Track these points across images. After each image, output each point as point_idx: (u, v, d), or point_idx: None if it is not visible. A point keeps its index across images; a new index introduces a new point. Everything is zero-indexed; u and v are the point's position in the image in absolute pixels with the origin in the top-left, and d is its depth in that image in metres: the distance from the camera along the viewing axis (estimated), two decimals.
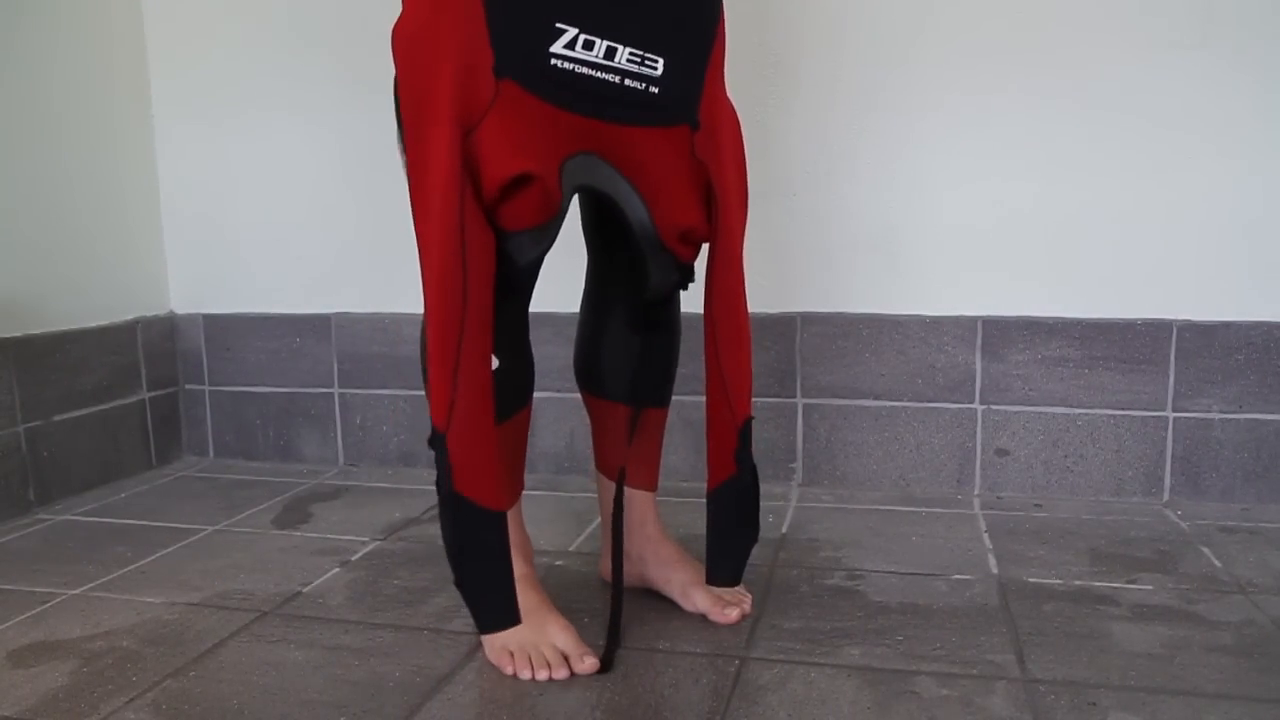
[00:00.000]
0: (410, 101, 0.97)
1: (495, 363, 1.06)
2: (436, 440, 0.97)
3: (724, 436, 1.12)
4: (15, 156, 1.69)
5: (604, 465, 1.25)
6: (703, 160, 1.06)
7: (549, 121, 0.98)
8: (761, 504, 1.19)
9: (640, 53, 1.00)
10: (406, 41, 0.97)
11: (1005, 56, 1.58)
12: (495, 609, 1.03)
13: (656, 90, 1.02)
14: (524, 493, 1.22)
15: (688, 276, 1.12)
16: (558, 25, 0.96)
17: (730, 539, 1.16)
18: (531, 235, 1.00)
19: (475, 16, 0.95)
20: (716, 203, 1.07)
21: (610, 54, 0.99)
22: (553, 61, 0.96)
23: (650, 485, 1.23)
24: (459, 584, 1.01)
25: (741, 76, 1.69)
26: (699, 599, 1.17)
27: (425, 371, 0.99)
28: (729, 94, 1.12)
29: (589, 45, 0.97)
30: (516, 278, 1.04)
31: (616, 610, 1.11)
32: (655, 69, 1.01)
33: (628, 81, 1.00)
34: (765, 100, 1.67)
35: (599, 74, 0.99)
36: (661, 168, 1.04)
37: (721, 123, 1.09)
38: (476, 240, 0.96)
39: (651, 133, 1.03)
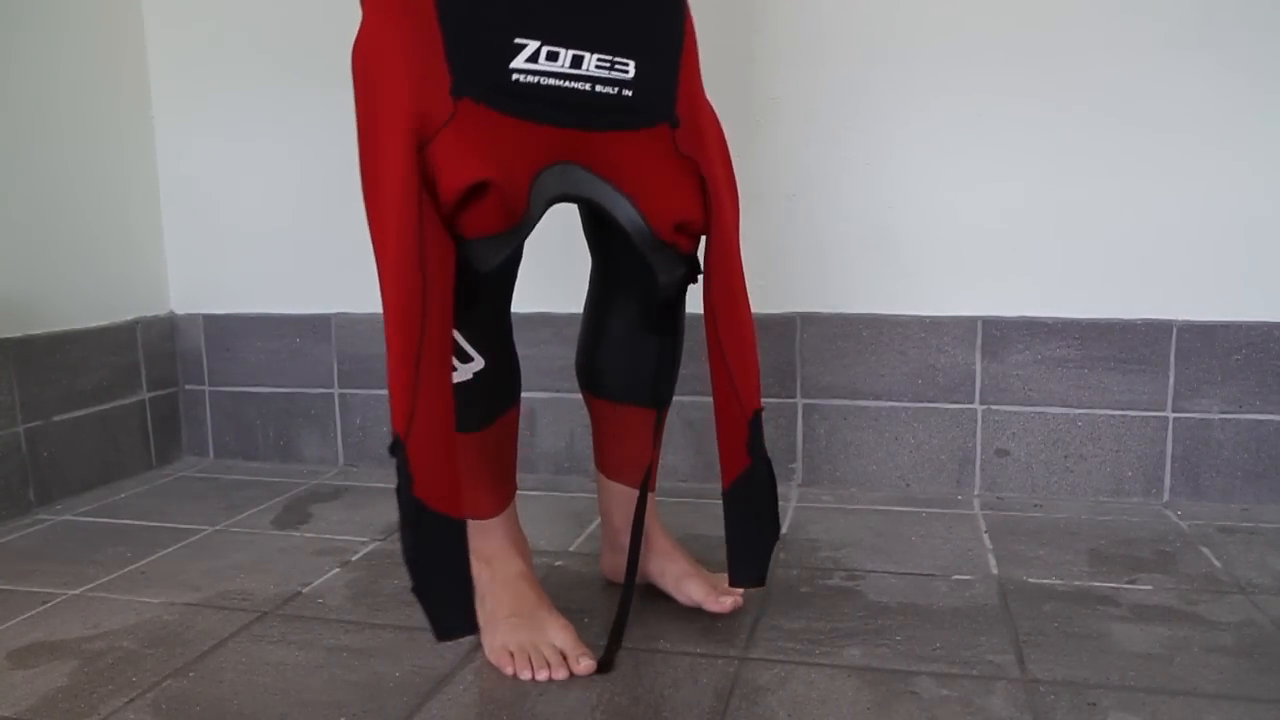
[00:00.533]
0: (366, 114, 0.97)
1: (481, 363, 1.06)
2: (397, 447, 0.94)
3: (734, 429, 1.10)
4: (16, 157, 1.69)
5: (604, 466, 1.25)
6: (688, 155, 1.05)
7: (516, 135, 0.97)
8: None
9: (609, 57, 0.99)
10: (364, 55, 0.98)
11: (1005, 57, 1.58)
12: (452, 616, 0.97)
13: (630, 93, 1.01)
14: (524, 493, 1.22)
15: (694, 269, 1.11)
16: (517, 41, 0.95)
17: (752, 536, 1.13)
18: (492, 242, 0.98)
19: (432, 35, 0.94)
20: (709, 194, 1.06)
21: (577, 62, 0.98)
22: (515, 77, 0.96)
23: (651, 484, 1.23)
24: (415, 590, 0.96)
25: (740, 76, 1.69)
26: (692, 589, 1.17)
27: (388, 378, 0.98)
28: (728, 92, 1.12)
29: (553, 56, 0.97)
30: (482, 284, 1.02)
31: (624, 612, 1.10)
32: (626, 72, 1.00)
33: (599, 88, 0.99)
34: (762, 100, 1.67)
35: (568, 83, 0.98)
36: (647, 167, 1.03)
37: (704, 118, 1.08)
38: (434, 249, 0.95)
39: (631, 135, 1.02)
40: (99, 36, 1.86)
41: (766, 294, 1.71)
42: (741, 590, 1.18)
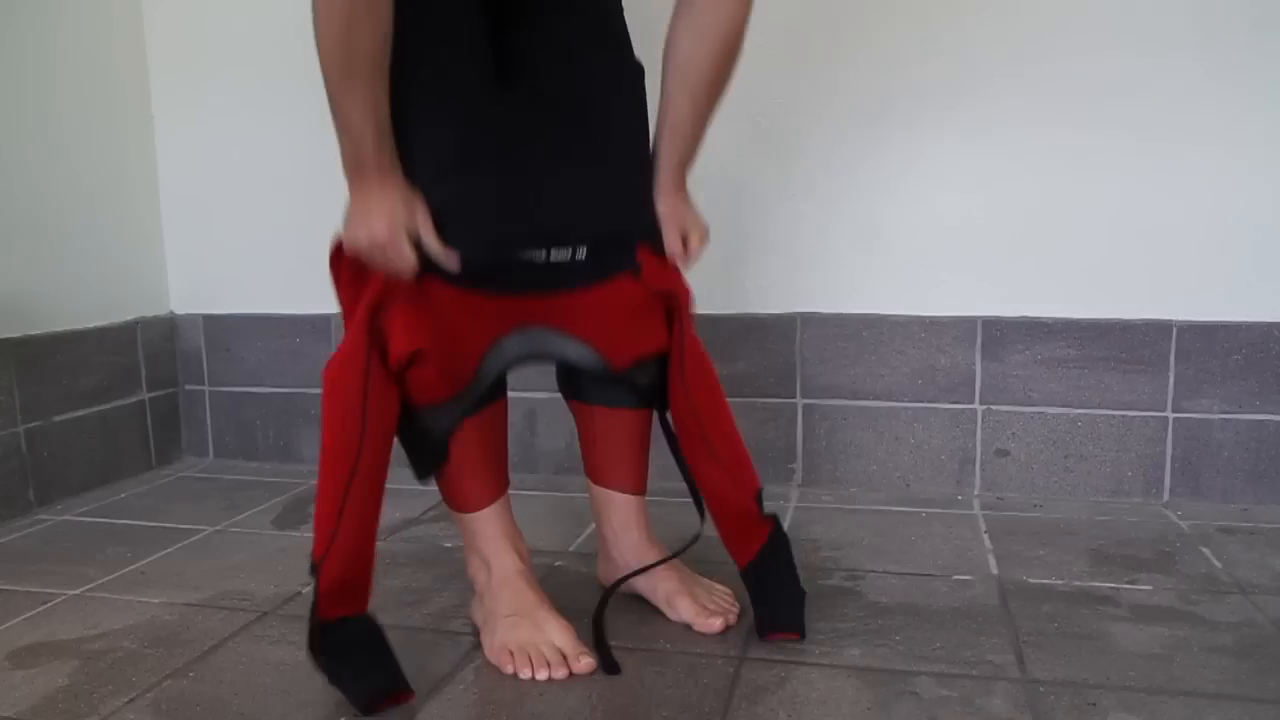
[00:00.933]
0: (348, 266, 1.04)
1: None
2: (313, 568, 0.97)
3: (743, 512, 1.11)
4: (15, 157, 1.69)
5: (591, 471, 1.24)
6: (652, 284, 1.08)
7: (474, 307, 1.01)
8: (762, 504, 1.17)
9: (566, 249, 1.03)
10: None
11: (1005, 57, 1.58)
12: (375, 689, 0.98)
13: (584, 256, 1.04)
14: (525, 493, 1.22)
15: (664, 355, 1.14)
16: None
17: (787, 599, 1.13)
18: (438, 410, 1.04)
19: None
20: (675, 313, 1.10)
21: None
22: None
23: (638, 489, 1.23)
24: (331, 682, 0.98)
25: (740, 77, 1.69)
26: (683, 608, 1.16)
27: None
28: (728, 93, 1.12)
29: None
30: (441, 443, 1.08)
31: (599, 617, 1.12)
32: (580, 255, 1.04)
33: (554, 255, 1.03)
34: (765, 100, 1.67)
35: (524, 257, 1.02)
36: (608, 313, 1.07)
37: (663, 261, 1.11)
38: (377, 403, 0.99)
39: (591, 289, 1.05)
40: (99, 36, 1.86)
41: (766, 294, 1.71)
42: (736, 610, 1.16)
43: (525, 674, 1.02)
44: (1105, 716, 0.93)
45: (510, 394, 1.20)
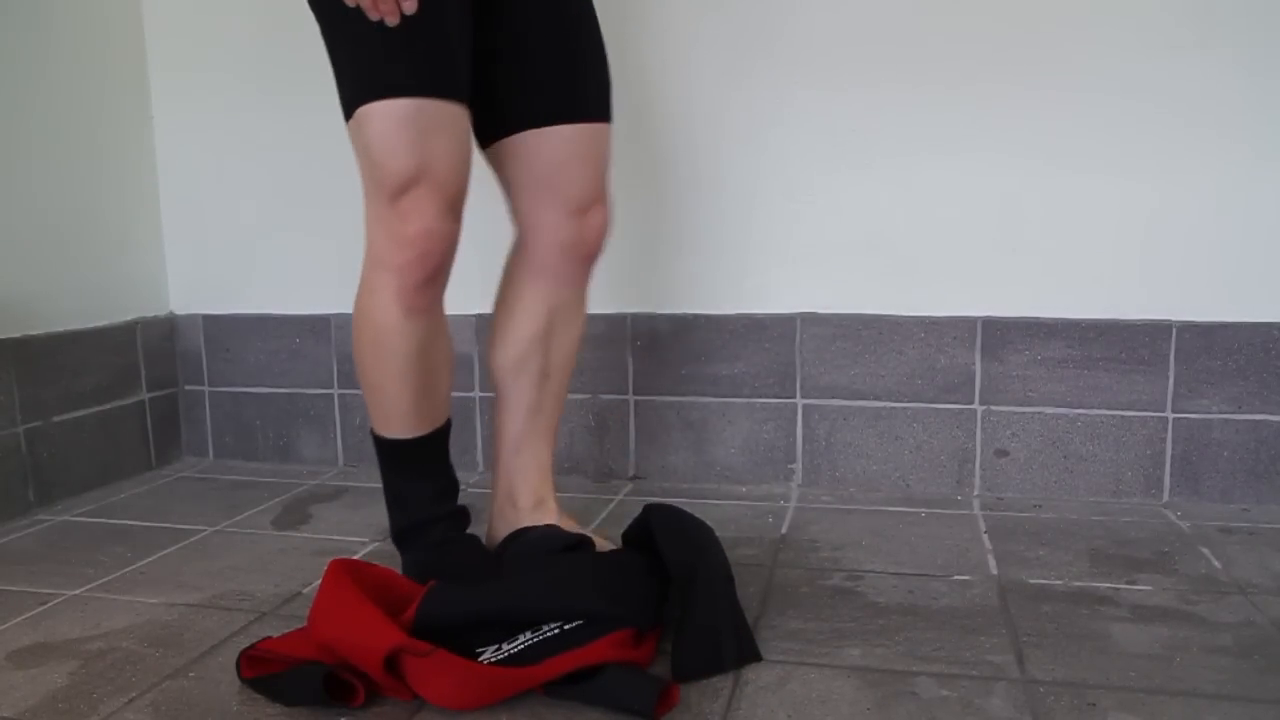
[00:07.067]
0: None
1: None
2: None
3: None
4: (14, 157, 1.69)
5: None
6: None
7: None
8: (762, 504, 1.17)
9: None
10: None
11: (1005, 56, 1.58)
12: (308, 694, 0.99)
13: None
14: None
15: None
16: (477, 650, 1.02)
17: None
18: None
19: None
20: None
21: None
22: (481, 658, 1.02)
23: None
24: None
25: (739, 75, 1.69)
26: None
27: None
28: (728, 93, 1.12)
29: (511, 640, 1.04)
30: None
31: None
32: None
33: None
34: (763, 99, 1.67)
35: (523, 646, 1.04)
36: None
37: None
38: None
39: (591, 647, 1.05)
40: (99, 36, 1.86)
41: (766, 294, 1.71)
42: None
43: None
44: (1105, 716, 0.93)
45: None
